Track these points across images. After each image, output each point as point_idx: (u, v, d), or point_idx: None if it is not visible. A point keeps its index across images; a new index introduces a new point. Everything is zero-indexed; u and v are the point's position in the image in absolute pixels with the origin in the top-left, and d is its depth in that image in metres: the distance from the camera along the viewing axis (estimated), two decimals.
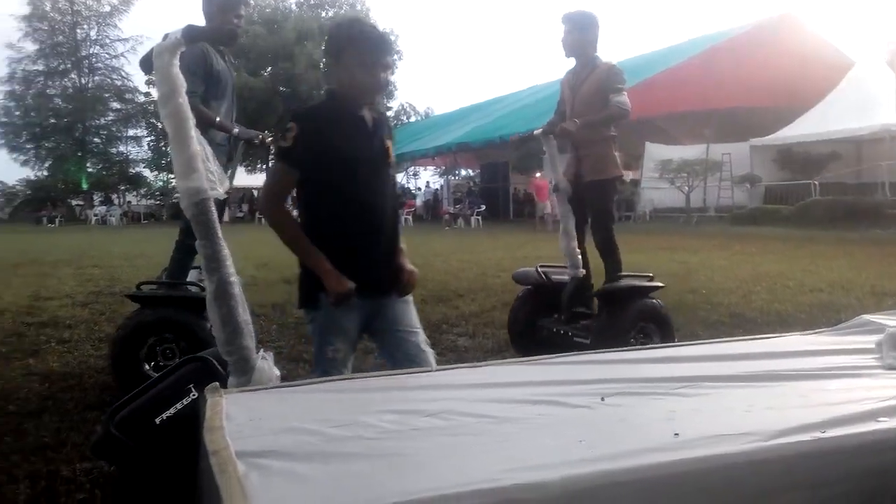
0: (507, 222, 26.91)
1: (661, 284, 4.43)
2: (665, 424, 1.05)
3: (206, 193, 1.56)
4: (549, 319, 4.55)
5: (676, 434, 1.00)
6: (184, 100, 1.52)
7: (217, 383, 1.36)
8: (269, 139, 4.37)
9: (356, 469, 0.89)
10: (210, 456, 0.92)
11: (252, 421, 1.09)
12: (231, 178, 4.45)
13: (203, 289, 4.05)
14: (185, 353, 3.73)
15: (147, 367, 3.79)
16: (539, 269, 4.66)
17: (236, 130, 4.33)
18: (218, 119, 4.31)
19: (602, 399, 1.17)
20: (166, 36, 1.52)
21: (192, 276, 4.21)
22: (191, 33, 1.49)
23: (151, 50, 1.53)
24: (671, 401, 1.19)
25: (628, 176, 26.48)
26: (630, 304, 4.18)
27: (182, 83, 1.51)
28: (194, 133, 1.54)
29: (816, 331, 1.75)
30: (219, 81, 4.22)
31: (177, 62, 1.51)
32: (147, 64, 1.53)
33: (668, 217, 23.73)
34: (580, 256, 4.40)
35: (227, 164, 4.42)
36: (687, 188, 23.04)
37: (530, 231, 20.67)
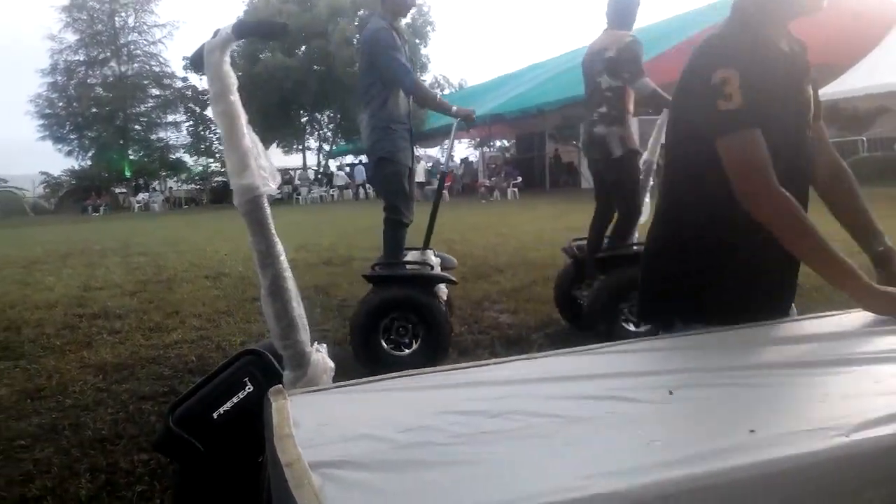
0: (543, 193, 26.73)
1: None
2: (739, 420, 1.02)
3: (258, 190, 1.55)
4: (582, 292, 4.66)
5: (752, 431, 0.97)
6: (235, 98, 1.50)
7: (280, 385, 1.36)
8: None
9: (431, 478, 0.88)
10: (284, 468, 0.91)
11: (320, 426, 1.08)
12: (449, 154, 4.68)
13: (424, 266, 4.32)
14: (418, 328, 4.06)
15: (385, 344, 4.08)
16: (572, 244, 4.81)
17: (455, 108, 4.49)
18: (438, 97, 4.59)
19: (670, 393, 1.13)
20: (216, 32, 1.49)
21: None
22: (242, 28, 1.47)
23: (202, 47, 1.51)
24: (741, 392, 1.14)
25: None
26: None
27: (233, 80, 1.49)
28: (246, 130, 1.53)
29: None
30: None
31: (227, 59, 1.49)
32: (197, 62, 1.51)
33: None
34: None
35: (410, 140, 4.55)
36: None
37: (568, 201, 20.50)
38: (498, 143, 39.70)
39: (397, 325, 4.05)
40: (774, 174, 1.57)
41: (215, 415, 2.03)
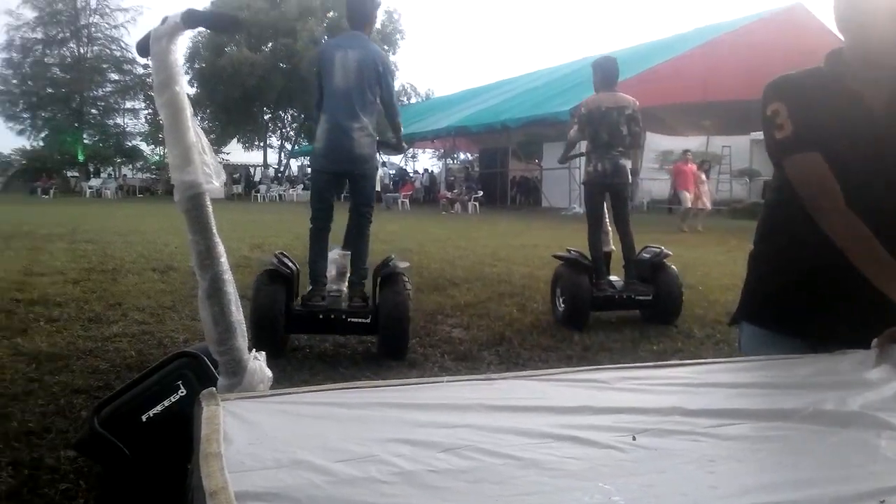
0: (503, 209, 26.81)
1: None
2: (703, 477, 0.94)
3: (201, 188, 1.45)
4: (600, 286, 5.76)
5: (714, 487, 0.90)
6: (181, 88, 1.41)
7: (214, 388, 1.27)
8: None
9: None
10: (207, 497, 0.82)
11: (252, 445, 0.99)
12: None
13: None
14: None
15: None
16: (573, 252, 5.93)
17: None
18: None
19: (633, 438, 1.06)
20: (165, 19, 1.40)
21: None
22: (191, 17, 1.38)
23: (148, 34, 1.42)
24: (707, 445, 1.06)
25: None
26: None
27: (179, 70, 1.41)
28: (191, 123, 1.43)
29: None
30: None
31: (174, 48, 1.40)
32: (143, 48, 1.41)
33: (666, 208, 23.67)
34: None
35: None
36: None
37: (527, 218, 20.58)
38: (462, 156, 39.76)
39: None
40: (838, 191, 1.65)
41: (144, 417, 1.94)
